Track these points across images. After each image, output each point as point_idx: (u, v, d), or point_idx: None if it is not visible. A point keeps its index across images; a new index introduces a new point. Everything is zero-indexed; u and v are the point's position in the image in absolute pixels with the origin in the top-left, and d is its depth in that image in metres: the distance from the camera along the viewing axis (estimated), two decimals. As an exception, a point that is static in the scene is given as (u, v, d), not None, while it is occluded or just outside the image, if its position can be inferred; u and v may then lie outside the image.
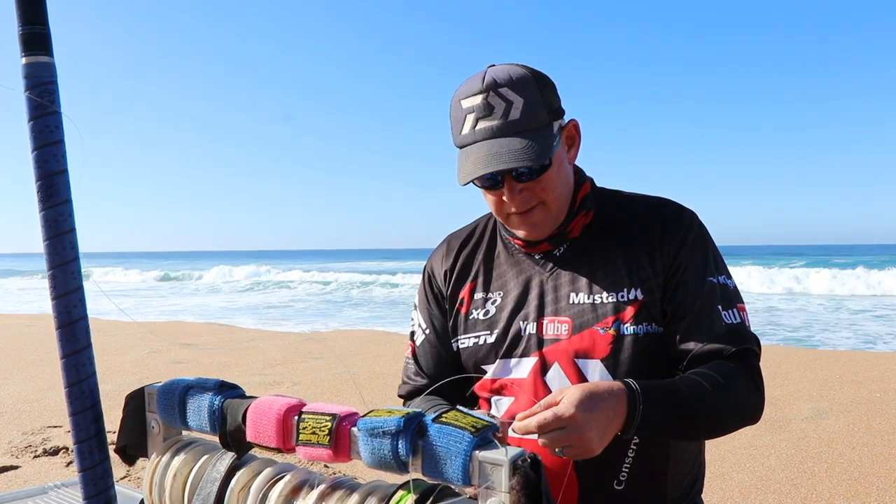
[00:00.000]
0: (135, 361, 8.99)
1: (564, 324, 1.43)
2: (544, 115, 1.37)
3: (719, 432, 1.41)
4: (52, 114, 1.09)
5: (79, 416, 1.11)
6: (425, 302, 1.65)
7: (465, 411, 0.90)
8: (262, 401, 1.02)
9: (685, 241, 1.44)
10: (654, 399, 1.25)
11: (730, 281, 1.47)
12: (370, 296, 24.70)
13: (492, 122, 1.34)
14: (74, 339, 1.10)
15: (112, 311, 15.72)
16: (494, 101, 1.34)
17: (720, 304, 1.41)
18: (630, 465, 1.40)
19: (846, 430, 5.44)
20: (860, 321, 14.52)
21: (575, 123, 1.48)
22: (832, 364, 8.20)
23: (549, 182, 1.40)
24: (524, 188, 1.39)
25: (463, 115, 1.38)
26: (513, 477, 0.80)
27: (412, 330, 1.70)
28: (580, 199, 1.49)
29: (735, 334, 1.40)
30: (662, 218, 1.47)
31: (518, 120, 1.34)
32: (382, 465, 0.89)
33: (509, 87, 1.34)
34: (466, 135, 1.38)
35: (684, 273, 1.42)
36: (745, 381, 1.37)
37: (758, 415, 1.42)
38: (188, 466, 1.11)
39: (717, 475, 4.43)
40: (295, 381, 7.68)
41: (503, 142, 1.33)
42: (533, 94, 1.35)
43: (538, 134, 1.35)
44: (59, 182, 1.10)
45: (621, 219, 1.50)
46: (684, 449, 1.49)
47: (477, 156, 1.35)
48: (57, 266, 1.10)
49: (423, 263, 1.71)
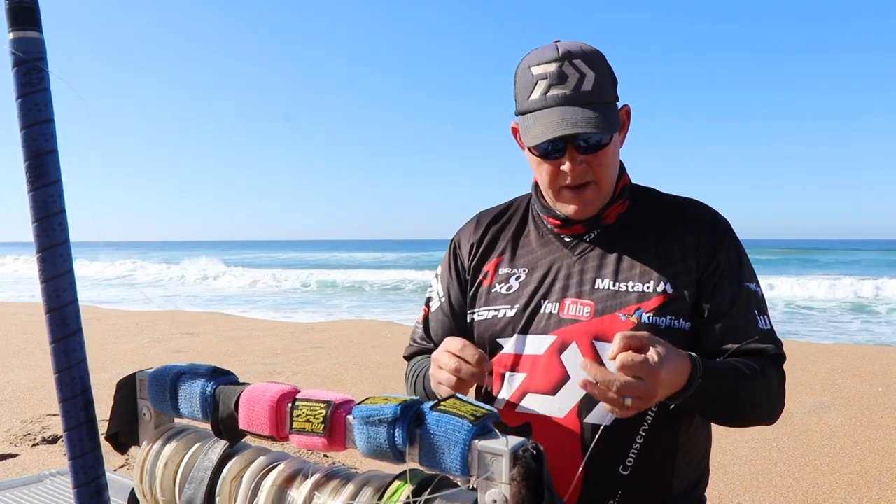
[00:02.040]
0: (135, 350, 8.98)
1: (587, 306, 1.43)
2: (612, 92, 1.42)
3: (746, 420, 1.44)
4: (41, 91, 1.06)
5: (69, 403, 1.08)
6: (447, 272, 1.66)
7: (465, 399, 0.87)
8: (254, 387, 0.99)
9: (722, 244, 1.47)
10: (711, 373, 1.29)
11: (759, 289, 1.50)
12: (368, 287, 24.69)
13: (564, 90, 1.36)
14: (64, 324, 1.07)
15: (111, 299, 15.70)
16: (569, 71, 1.36)
17: (756, 309, 1.45)
18: (637, 451, 1.38)
19: (848, 424, 5.42)
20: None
21: (627, 109, 1.51)
22: (833, 358, 8.17)
23: (606, 158, 1.42)
24: (584, 160, 1.40)
25: (533, 81, 1.39)
26: (514, 467, 0.76)
27: (429, 296, 1.72)
28: (620, 188, 1.51)
29: (770, 339, 1.45)
30: (699, 219, 1.50)
31: (590, 92, 1.36)
32: (378, 455, 0.86)
33: (583, 60, 1.37)
34: (536, 100, 1.39)
35: (722, 274, 1.44)
36: (776, 380, 1.42)
37: (777, 415, 1.45)
38: (179, 455, 1.08)
39: (719, 468, 4.41)
40: (295, 370, 7.66)
41: (576, 109, 1.35)
42: (604, 70, 1.40)
43: (607, 108, 1.38)
44: (49, 162, 1.06)
45: (656, 214, 1.52)
46: (693, 442, 1.47)
47: (549, 119, 1.36)
48: (46, 248, 1.06)
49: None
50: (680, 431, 1.43)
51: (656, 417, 1.39)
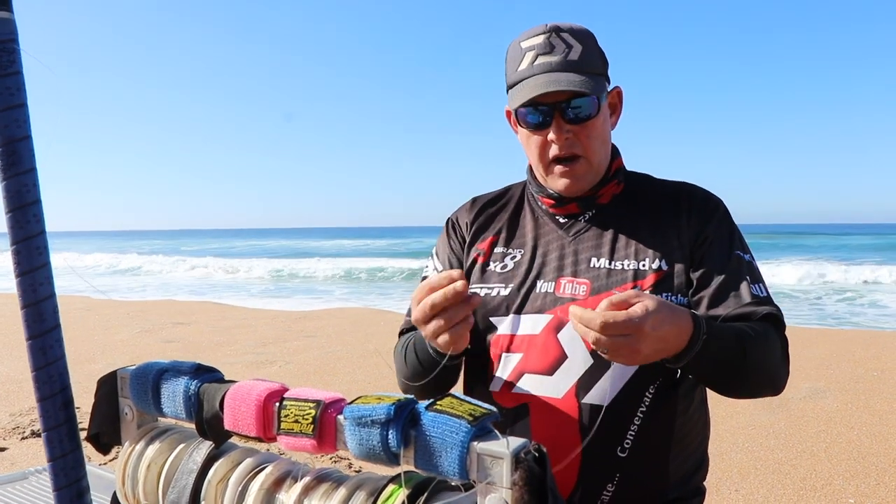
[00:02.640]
0: (126, 340, 8.92)
1: (583, 285, 1.43)
2: (599, 65, 1.44)
3: (752, 386, 1.38)
4: (14, 74, 1.00)
5: (47, 402, 1.03)
6: (446, 247, 1.66)
7: (462, 397, 0.82)
8: (240, 386, 0.93)
9: (712, 218, 1.47)
10: (716, 331, 1.26)
11: (754, 261, 1.49)
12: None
13: (551, 58, 1.38)
14: (41, 320, 1.02)
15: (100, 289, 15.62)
16: (556, 42, 1.39)
17: (748, 276, 1.43)
18: (635, 433, 1.36)
19: (844, 409, 5.41)
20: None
21: (619, 91, 1.53)
22: (828, 343, 8.18)
23: (594, 130, 1.43)
24: (570, 130, 1.41)
25: (522, 53, 1.42)
26: (515, 471, 0.72)
27: (424, 274, 1.68)
28: (614, 170, 1.53)
29: (762, 303, 1.41)
30: (690, 198, 1.50)
31: (576, 61, 1.39)
32: (371, 457, 0.81)
33: (571, 34, 1.40)
34: (524, 69, 1.41)
35: (711, 245, 1.44)
36: (778, 342, 1.38)
37: (783, 383, 1.42)
38: (163, 456, 1.03)
39: (716, 455, 4.39)
40: (287, 360, 7.62)
41: (561, 75, 1.37)
42: (592, 44, 1.42)
43: (594, 77, 1.40)
44: (22, 149, 1.00)
45: (650, 195, 1.53)
46: (690, 427, 1.45)
47: (536, 83, 1.37)
48: (21, 241, 1.01)
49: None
50: (677, 413, 1.41)
51: (654, 398, 1.37)
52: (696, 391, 1.47)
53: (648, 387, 1.38)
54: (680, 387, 1.42)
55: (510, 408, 1.40)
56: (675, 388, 1.41)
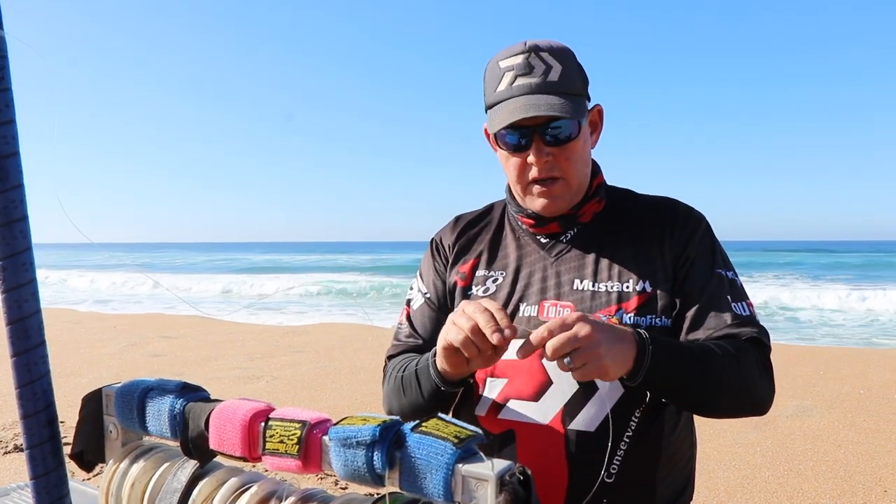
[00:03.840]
0: (113, 354, 8.84)
1: (566, 308, 1.42)
2: (579, 85, 1.41)
3: (725, 404, 1.36)
4: (3, 91, 1.00)
5: (31, 419, 1.02)
6: (430, 269, 1.64)
7: (448, 419, 0.82)
8: (226, 405, 0.93)
9: (693, 236, 1.45)
10: (662, 344, 1.26)
11: (737, 279, 1.47)
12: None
13: (530, 79, 1.36)
14: (26, 337, 1.01)
15: (86, 300, 15.55)
16: (535, 62, 1.36)
17: (729, 295, 1.41)
18: (622, 458, 1.35)
19: (831, 427, 5.42)
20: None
21: (599, 109, 1.51)
22: (815, 361, 8.20)
23: (573, 153, 1.41)
24: (550, 153, 1.39)
25: (500, 74, 1.39)
26: (500, 494, 0.72)
27: (409, 298, 1.67)
28: (595, 187, 1.51)
29: (745, 324, 1.39)
30: (672, 214, 1.49)
31: (556, 82, 1.36)
32: (356, 478, 0.81)
33: (550, 53, 1.37)
34: (502, 91, 1.39)
35: (693, 265, 1.43)
36: (755, 361, 1.36)
37: (766, 402, 1.39)
38: (147, 475, 1.02)
39: (703, 473, 4.39)
40: (275, 375, 7.58)
41: (541, 97, 1.35)
42: (572, 64, 1.40)
43: (573, 98, 1.37)
44: (10, 165, 1.00)
45: (632, 213, 1.51)
46: (676, 448, 1.45)
47: (514, 106, 1.36)
48: (7, 257, 1.00)
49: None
50: (664, 435, 1.41)
51: (640, 422, 1.37)
52: (682, 411, 1.46)
53: (634, 411, 1.37)
54: (666, 408, 1.41)
55: (496, 434, 1.40)
56: (662, 409, 1.40)
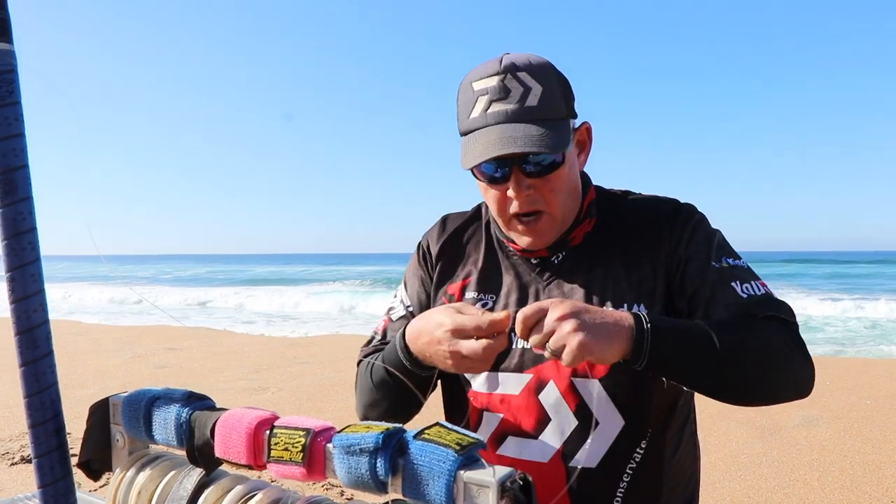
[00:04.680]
0: (118, 365, 8.87)
1: None
2: (562, 107, 1.28)
3: (756, 377, 1.20)
4: (12, 105, 1.02)
5: (39, 428, 1.04)
6: (415, 278, 1.54)
7: (450, 427, 0.83)
8: (231, 413, 0.94)
9: (682, 236, 1.35)
10: (665, 319, 1.17)
11: (740, 262, 1.34)
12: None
13: (507, 105, 1.24)
14: (34, 347, 1.03)
15: (92, 311, 15.58)
16: (512, 85, 1.24)
17: (734, 281, 1.30)
18: (624, 490, 1.33)
19: (837, 437, 5.41)
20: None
21: (588, 127, 1.39)
22: (821, 371, 8.14)
23: (557, 182, 1.30)
24: (531, 185, 1.28)
25: (474, 98, 1.27)
26: (501, 500, 0.73)
27: (390, 305, 1.56)
28: (586, 207, 1.40)
29: (759, 303, 1.27)
30: (660, 218, 1.38)
31: (535, 107, 1.24)
32: (360, 485, 0.82)
33: (528, 73, 1.24)
34: (476, 118, 1.27)
35: (687, 265, 1.33)
36: (781, 333, 1.23)
37: (805, 378, 1.24)
38: (154, 483, 1.03)
39: (709, 484, 4.38)
40: (280, 386, 7.59)
41: (518, 127, 1.23)
42: (553, 84, 1.26)
43: (555, 125, 1.25)
44: (19, 178, 1.02)
45: (621, 224, 1.40)
46: (679, 468, 1.41)
47: (488, 139, 1.24)
48: (16, 268, 1.02)
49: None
50: (665, 458, 1.37)
51: (644, 453, 1.33)
52: (685, 428, 1.43)
53: (639, 443, 1.33)
54: (668, 429, 1.37)
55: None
56: (664, 433, 1.36)
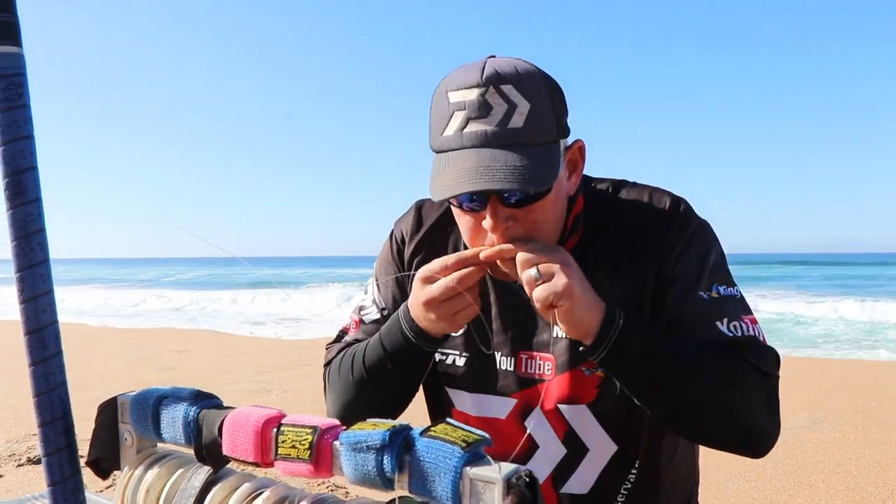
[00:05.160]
0: (123, 368, 8.89)
1: (547, 361, 1.28)
2: (552, 128, 1.10)
3: (713, 415, 1.14)
4: (21, 108, 1.03)
5: (48, 427, 1.05)
6: (387, 274, 1.41)
7: (456, 424, 0.84)
8: (239, 412, 0.95)
9: (675, 247, 1.23)
10: (636, 323, 1.12)
11: (732, 290, 1.23)
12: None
13: (486, 125, 1.06)
14: (43, 346, 1.04)
15: (99, 313, 15.64)
16: (494, 101, 1.06)
17: (718, 318, 1.19)
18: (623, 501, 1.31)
19: (843, 439, 5.39)
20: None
21: (581, 145, 1.23)
22: (826, 373, 8.16)
23: (541, 213, 1.14)
24: (510, 217, 1.13)
25: (449, 112, 1.09)
26: (507, 496, 0.74)
27: (361, 304, 1.44)
28: (571, 222, 1.26)
29: (743, 347, 1.17)
30: (653, 225, 1.25)
31: (520, 129, 1.06)
32: (366, 482, 0.83)
33: (514, 86, 1.06)
34: (450, 137, 1.09)
35: (671, 287, 1.21)
36: (755, 386, 1.15)
37: (765, 438, 1.17)
38: (162, 481, 1.04)
39: (713, 485, 4.38)
40: (285, 388, 7.60)
41: (497, 154, 1.05)
42: (542, 99, 1.08)
43: (543, 151, 1.08)
44: (28, 179, 1.03)
45: (609, 232, 1.27)
46: (676, 475, 1.39)
47: (463, 166, 1.06)
48: (25, 268, 1.03)
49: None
50: (661, 469, 1.34)
51: (636, 479, 1.31)
52: (680, 437, 1.36)
53: (631, 465, 1.30)
54: (663, 440, 1.32)
55: None
56: (659, 444, 1.32)
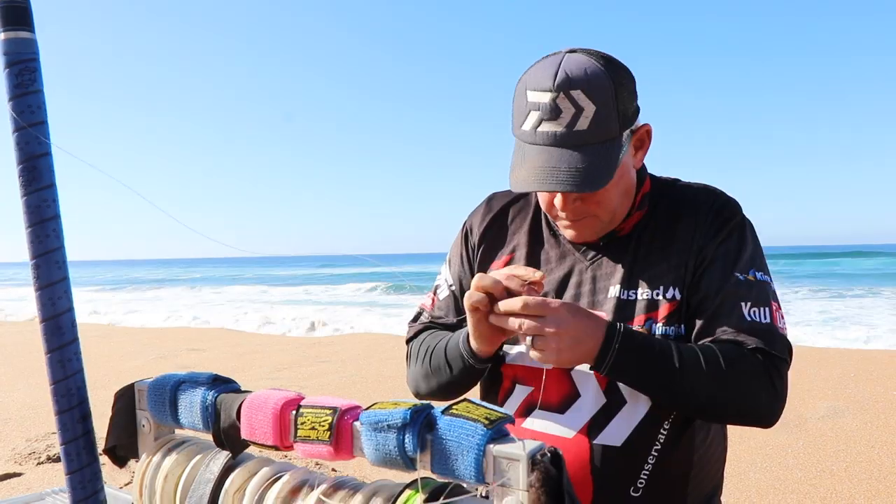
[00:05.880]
0: (141, 367, 8.94)
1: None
2: (615, 125, 1.25)
3: (706, 404, 1.26)
4: (35, 93, 1.03)
5: (65, 415, 1.04)
6: (458, 258, 1.57)
7: (477, 402, 0.82)
8: (257, 395, 0.94)
9: (718, 234, 1.35)
10: (632, 341, 1.23)
11: (765, 278, 1.34)
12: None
13: (555, 127, 1.22)
14: (59, 333, 1.03)
15: (116, 311, 15.75)
16: (563, 105, 1.21)
17: (746, 301, 1.30)
18: (649, 472, 1.31)
19: (863, 428, 5.34)
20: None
21: (648, 129, 1.36)
22: (846, 362, 8.09)
23: (604, 195, 1.31)
24: (578, 198, 1.31)
25: (527, 109, 1.26)
26: (532, 473, 0.72)
27: (437, 284, 1.61)
28: (639, 200, 1.41)
29: (758, 333, 1.28)
30: (705, 209, 1.37)
31: (584, 131, 1.22)
32: (388, 462, 0.81)
33: (583, 90, 1.21)
34: (527, 132, 1.26)
35: (711, 265, 1.32)
36: (753, 370, 1.26)
37: (767, 414, 1.29)
38: (180, 467, 1.03)
39: (734, 475, 4.34)
40: (302, 384, 7.62)
41: (563, 154, 1.22)
42: (607, 100, 1.22)
43: (603, 149, 1.24)
44: (42, 165, 1.03)
45: (669, 214, 1.40)
46: (709, 457, 1.40)
47: (533, 164, 1.24)
48: (40, 255, 1.03)
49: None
50: (695, 447, 1.36)
51: (668, 435, 1.32)
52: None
53: (663, 423, 1.32)
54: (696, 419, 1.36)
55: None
56: (691, 419, 1.35)
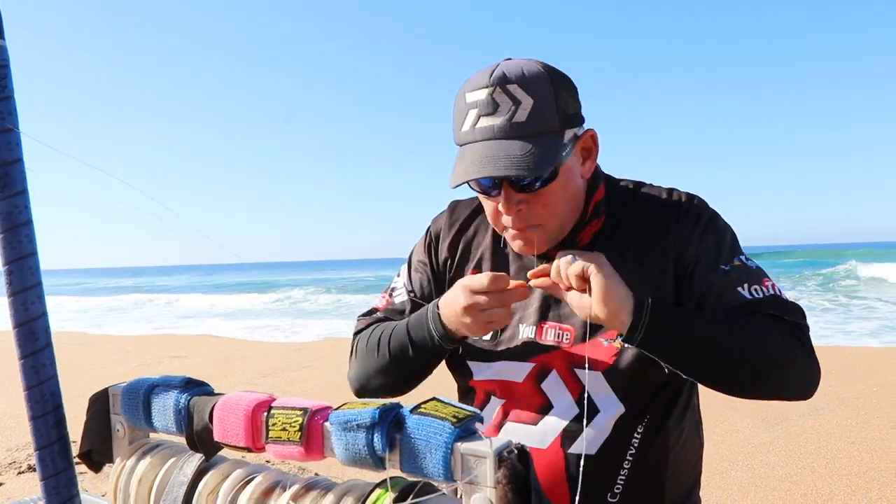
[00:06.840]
0: (122, 375, 8.87)
1: (567, 331, 1.35)
2: (554, 120, 1.23)
3: (754, 371, 1.22)
4: (5, 99, 1.03)
5: (39, 421, 1.04)
6: (420, 264, 1.55)
7: (446, 401, 0.83)
8: (229, 397, 0.95)
9: (693, 234, 1.34)
10: (665, 305, 1.24)
11: (749, 262, 1.34)
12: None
13: (494, 120, 1.21)
14: (33, 339, 1.03)
15: (98, 322, 15.63)
16: (500, 99, 1.20)
17: (741, 284, 1.30)
18: (626, 476, 1.32)
19: (844, 424, 5.39)
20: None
21: (592, 134, 1.34)
22: (828, 359, 8.14)
23: (551, 197, 1.27)
24: (522, 200, 1.26)
25: (466, 110, 1.25)
26: (499, 470, 0.73)
27: (393, 286, 1.57)
28: (593, 207, 1.37)
29: (765, 304, 1.27)
30: (670, 213, 1.37)
31: (523, 123, 1.20)
32: (357, 462, 0.82)
33: (519, 85, 1.20)
34: (466, 132, 1.25)
35: (696, 266, 1.32)
36: (783, 332, 1.24)
37: (809, 380, 1.28)
38: (154, 471, 1.04)
39: (716, 473, 4.37)
40: (284, 390, 7.59)
41: (502, 144, 1.20)
42: (545, 95, 1.22)
43: (544, 140, 1.21)
44: (14, 171, 1.03)
45: (632, 220, 1.39)
46: (684, 455, 1.41)
47: (472, 158, 1.22)
48: (13, 261, 1.03)
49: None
50: (669, 446, 1.37)
51: (643, 439, 1.33)
52: (686, 416, 1.42)
53: (637, 427, 1.33)
54: (670, 417, 1.37)
55: None
56: (666, 419, 1.36)
